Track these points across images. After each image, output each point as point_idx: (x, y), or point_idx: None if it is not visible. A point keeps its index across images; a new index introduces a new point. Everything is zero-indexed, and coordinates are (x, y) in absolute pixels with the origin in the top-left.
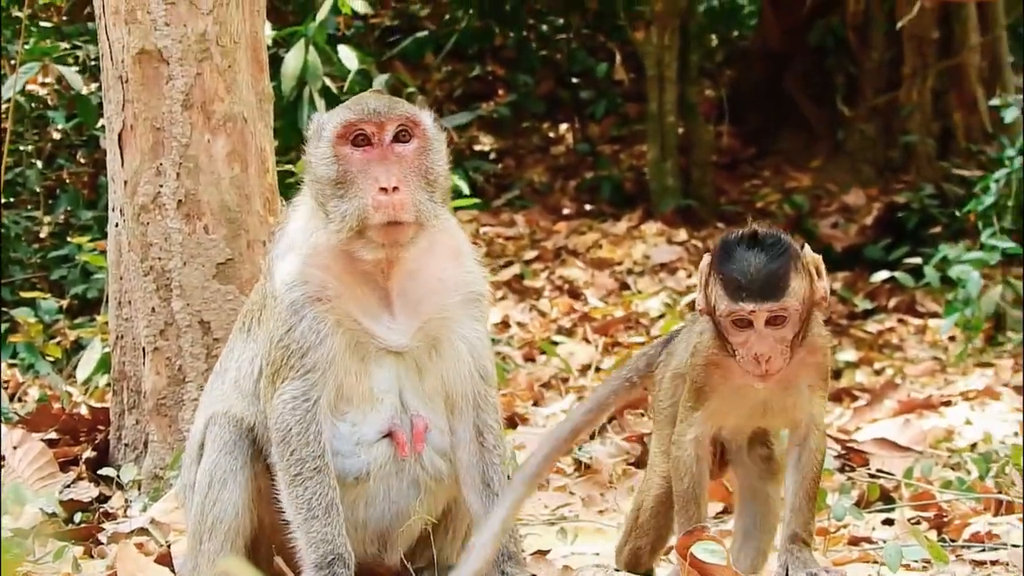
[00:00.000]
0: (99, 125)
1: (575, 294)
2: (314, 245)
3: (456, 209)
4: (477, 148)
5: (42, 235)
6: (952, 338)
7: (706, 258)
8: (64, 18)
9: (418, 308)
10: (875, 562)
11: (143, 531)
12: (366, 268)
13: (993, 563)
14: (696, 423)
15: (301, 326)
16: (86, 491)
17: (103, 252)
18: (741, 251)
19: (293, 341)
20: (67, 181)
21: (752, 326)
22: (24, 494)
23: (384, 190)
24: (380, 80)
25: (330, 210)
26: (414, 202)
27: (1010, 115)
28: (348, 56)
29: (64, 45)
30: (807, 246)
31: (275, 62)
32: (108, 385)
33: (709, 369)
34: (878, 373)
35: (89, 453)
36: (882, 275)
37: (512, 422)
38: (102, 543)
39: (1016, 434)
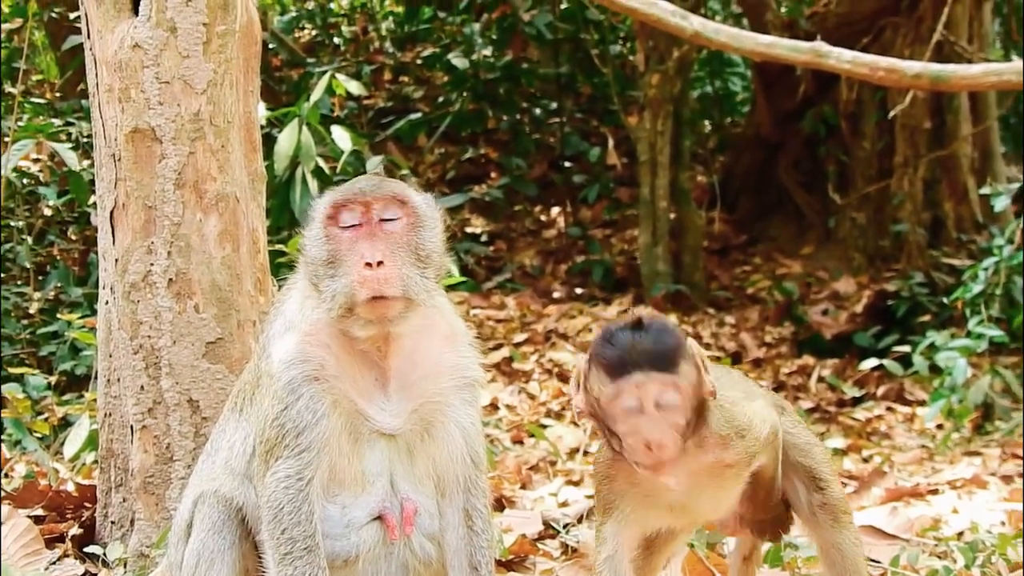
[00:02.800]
0: (91, 202)
1: (564, 378)
2: (312, 324)
3: (447, 289)
4: (469, 230)
5: (32, 311)
6: (940, 426)
7: (581, 356)
8: (57, 95)
9: (413, 391)
10: None
11: None
12: (363, 347)
13: None
14: (608, 539)
15: (298, 405)
16: (72, 568)
17: (92, 329)
18: (624, 334)
19: (289, 420)
20: (58, 257)
21: (641, 411)
22: (11, 572)
23: (369, 265)
24: (374, 161)
25: (322, 290)
26: (400, 277)
27: (1000, 204)
28: (341, 136)
29: (57, 122)
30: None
31: (268, 142)
32: (95, 462)
33: (611, 479)
34: (866, 460)
35: (76, 530)
36: (871, 363)
37: (500, 505)
38: None
39: (1003, 523)
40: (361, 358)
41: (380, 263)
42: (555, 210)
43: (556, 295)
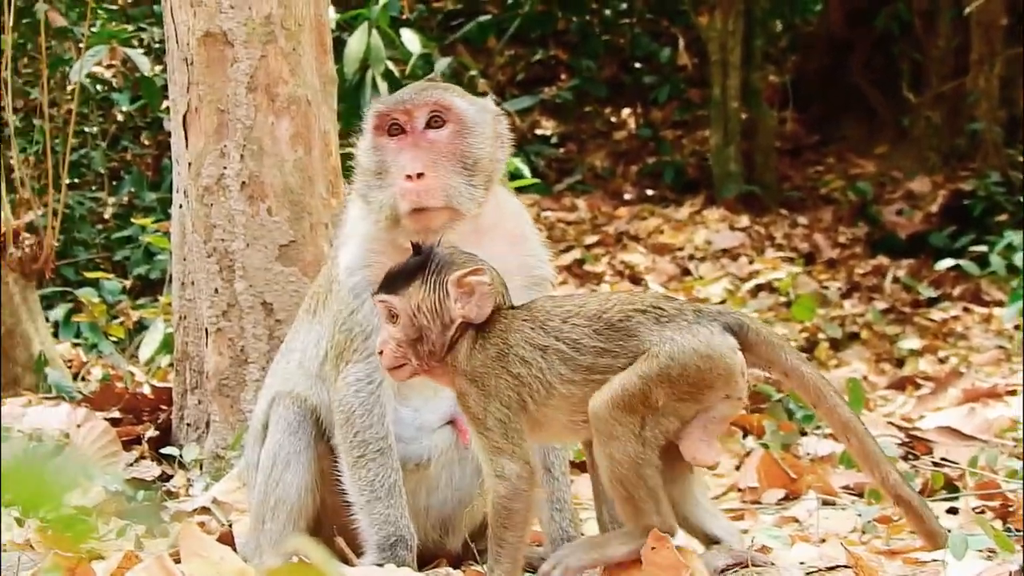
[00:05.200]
0: (163, 107)
1: (636, 279)
2: (369, 231)
3: (517, 192)
4: (539, 132)
5: (106, 216)
6: (1017, 326)
7: None
8: (129, 1)
9: None
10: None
11: (205, 510)
12: None
13: None
14: None
15: (363, 309)
16: (149, 469)
17: (166, 233)
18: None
19: (356, 324)
20: (131, 163)
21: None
22: (92, 471)
23: (410, 177)
24: (442, 63)
25: (370, 200)
26: (443, 187)
27: None
28: (411, 39)
29: (130, 27)
30: (481, 272)
31: (338, 45)
32: (171, 365)
33: None
34: (942, 362)
35: (152, 432)
36: (947, 263)
37: None
38: (164, 521)
39: None
40: None
41: (420, 175)
42: (625, 111)
43: (627, 197)
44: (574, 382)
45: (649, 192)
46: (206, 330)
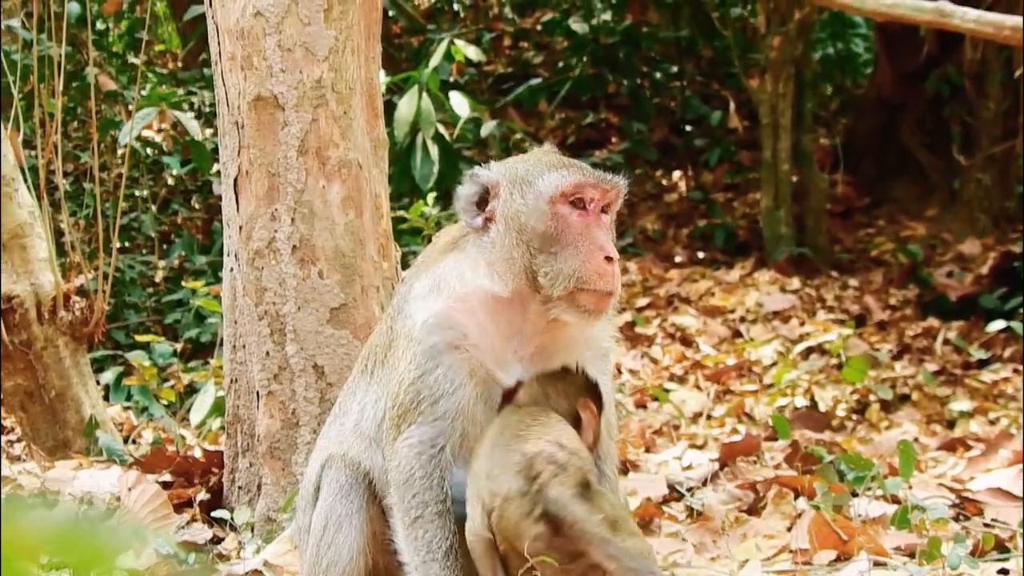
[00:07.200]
0: (213, 171)
1: (687, 342)
2: (467, 290)
3: None
4: None
5: (157, 279)
6: None
7: None
8: (179, 64)
9: (550, 362)
10: None
11: (257, 573)
12: (535, 322)
13: None
14: None
15: (436, 372)
16: (200, 532)
17: (217, 296)
18: None
19: (426, 387)
20: (181, 226)
21: None
22: (144, 533)
23: (609, 259)
24: (488, 126)
25: (539, 265)
26: (619, 276)
27: None
28: (459, 103)
29: (180, 91)
30: None
31: (388, 108)
32: (222, 428)
33: None
34: (993, 423)
35: (203, 495)
36: (998, 324)
37: (624, 468)
38: None
39: None
40: (506, 328)
41: (610, 259)
42: (676, 174)
43: (678, 259)
44: None
45: (700, 255)
46: (257, 393)
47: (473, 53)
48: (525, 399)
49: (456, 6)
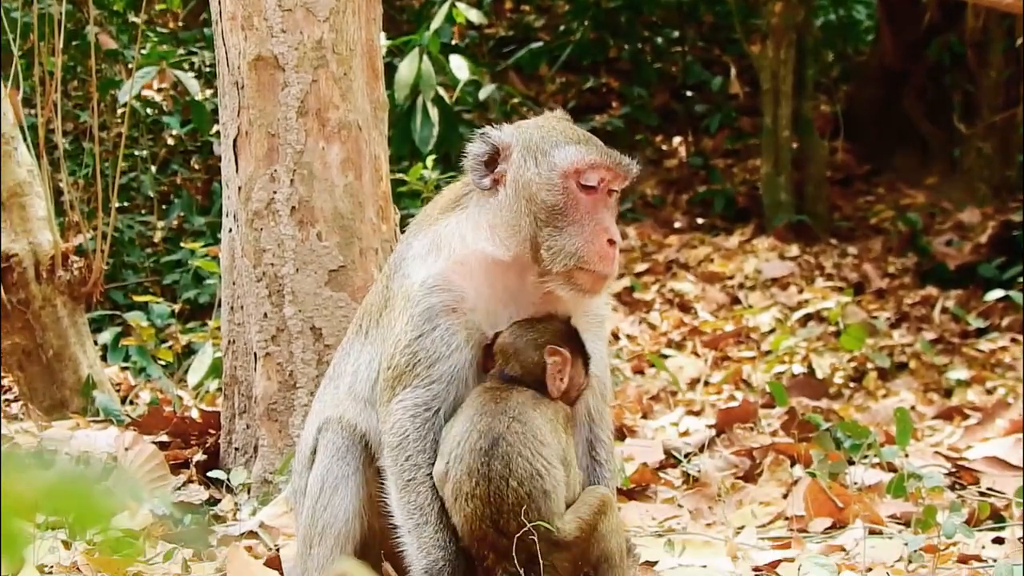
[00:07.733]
0: (213, 131)
1: (685, 308)
2: (467, 252)
3: None
4: None
5: (155, 240)
6: None
7: None
8: (180, 24)
9: None
10: None
11: (253, 535)
12: (522, 286)
13: None
14: None
15: (433, 335)
16: (196, 493)
17: (215, 258)
18: None
19: (422, 349)
20: (181, 186)
21: None
22: (139, 493)
23: (611, 243)
24: (488, 90)
25: (543, 238)
26: (618, 261)
27: None
28: (459, 65)
29: (180, 51)
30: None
31: (389, 71)
32: (219, 389)
33: None
34: (990, 392)
35: (200, 456)
36: (996, 294)
37: (621, 434)
38: (212, 545)
39: None
40: (503, 292)
41: (612, 243)
42: (676, 139)
43: (677, 225)
44: None
45: (699, 221)
46: (255, 355)
47: (474, 16)
48: (497, 349)
49: None
